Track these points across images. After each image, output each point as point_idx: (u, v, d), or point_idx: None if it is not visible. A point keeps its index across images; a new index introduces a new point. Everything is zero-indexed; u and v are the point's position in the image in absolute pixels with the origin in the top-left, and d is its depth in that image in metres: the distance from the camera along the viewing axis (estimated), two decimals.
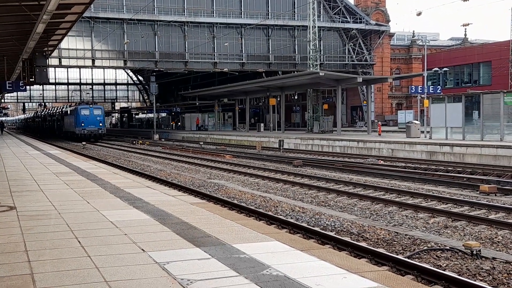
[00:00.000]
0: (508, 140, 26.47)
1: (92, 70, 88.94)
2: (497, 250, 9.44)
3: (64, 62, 60.82)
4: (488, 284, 7.53)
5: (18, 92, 73.71)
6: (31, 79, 30.06)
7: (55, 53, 51.30)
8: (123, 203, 10.20)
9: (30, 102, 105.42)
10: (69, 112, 61.07)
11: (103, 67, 71.68)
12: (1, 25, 19.85)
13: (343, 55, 70.45)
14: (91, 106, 57.92)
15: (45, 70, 29.93)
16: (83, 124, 55.24)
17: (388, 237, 10.26)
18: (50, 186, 12.98)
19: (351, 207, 13.95)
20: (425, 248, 9.32)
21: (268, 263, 5.88)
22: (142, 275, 5.47)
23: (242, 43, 65.48)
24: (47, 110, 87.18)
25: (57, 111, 72.57)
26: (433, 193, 15.88)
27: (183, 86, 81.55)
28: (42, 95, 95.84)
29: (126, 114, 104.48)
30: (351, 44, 69.88)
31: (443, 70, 51.44)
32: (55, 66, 63.44)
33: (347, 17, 69.45)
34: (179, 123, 76.65)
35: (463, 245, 9.04)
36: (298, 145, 38.76)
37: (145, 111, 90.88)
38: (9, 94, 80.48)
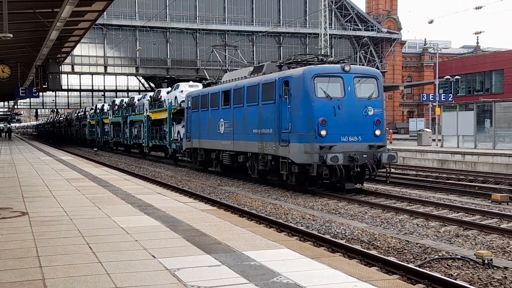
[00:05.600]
0: None
1: (104, 77, 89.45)
2: (509, 260, 9.36)
3: (77, 68, 61.36)
4: None
5: (31, 98, 74.36)
6: (44, 86, 30.32)
7: (68, 60, 51.73)
8: (134, 209, 10.25)
9: (43, 108, 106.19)
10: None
11: (115, 74, 72.17)
12: (15, 32, 20.05)
13: (354, 62, 70.39)
14: None
15: (58, 76, 30.18)
16: None
17: (399, 246, 10.21)
18: (62, 192, 13.06)
19: (362, 215, 13.90)
20: (436, 257, 9.27)
21: (278, 270, 5.88)
22: (152, 282, 5.49)
23: (253, 50, 65.67)
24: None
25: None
26: (445, 201, 15.79)
27: None
28: (54, 101, 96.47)
29: None
30: (363, 51, 69.90)
31: (454, 78, 51.25)
32: (67, 73, 64.02)
33: (359, 24, 69.47)
34: None
35: (474, 254, 8.98)
36: None
37: None
38: (22, 100, 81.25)
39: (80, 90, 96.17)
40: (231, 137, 21.93)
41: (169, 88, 36.72)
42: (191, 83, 33.95)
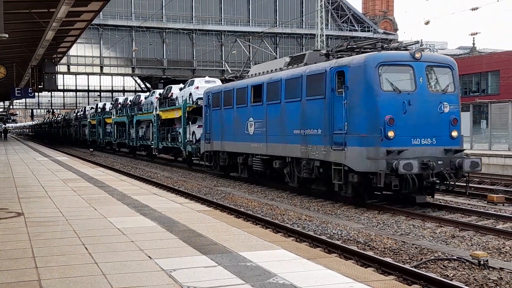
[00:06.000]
0: None
1: (100, 77, 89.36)
2: (504, 260, 9.38)
3: (73, 69, 61.25)
4: None
5: (27, 99, 74.15)
6: (39, 86, 30.27)
7: (63, 60, 51.65)
8: (130, 210, 10.23)
9: (39, 108, 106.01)
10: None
11: (111, 74, 72.09)
12: (11, 32, 20.00)
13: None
14: None
15: (53, 77, 30.11)
16: None
17: (395, 246, 10.22)
18: (58, 192, 13.03)
19: (358, 216, 13.91)
20: (432, 257, 9.28)
21: (274, 271, 5.88)
22: (148, 282, 5.49)
23: (250, 50, 65.69)
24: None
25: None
26: (441, 202, 15.81)
27: None
28: (50, 101, 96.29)
29: None
30: None
31: None
32: (63, 73, 63.88)
33: (355, 25, 69.59)
34: None
35: (470, 255, 8.99)
36: None
37: None
38: (17, 101, 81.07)
39: (76, 91, 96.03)
40: (264, 139, 19.23)
41: (181, 85, 33.87)
42: (207, 78, 31.60)
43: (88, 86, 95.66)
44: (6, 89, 41.27)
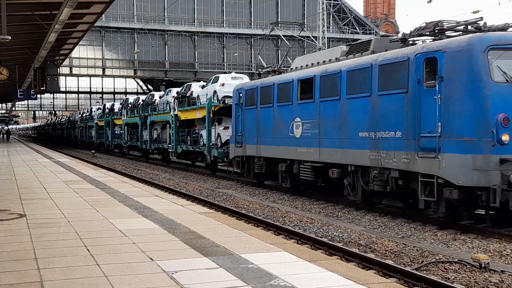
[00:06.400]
0: None
1: (102, 79, 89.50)
2: (506, 263, 9.38)
3: (75, 71, 61.32)
4: None
5: (29, 101, 74.25)
6: (42, 88, 30.29)
7: (66, 62, 51.70)
8: (132, 212, 10.26)
9: (41, 110, 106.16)
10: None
11: (113, 76, 72.17)
12: (13, 34, 20.08)
13: None
14: None
15: (56, 78, 30.13)
16: None
17: (396, 249, 10.23)
18: (60, 194, 13.06)
19: (359, 219, 13.92)
20: (433, 260, 9.29)
21: (275, 273, 5.90)
22: (150, 284, 5.51)
23: (251, 53, 65.75)
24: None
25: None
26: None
27: None
28: (52, 103, 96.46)
29: None
30: None
31: None
32: (66, 75, 63.96)
33: (357, 28, 69.63)
34: None
35: (471, 258, 8.99)
36: None
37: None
38: (20, 102, 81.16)
39: (78, 92, 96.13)
40: (315, 143, 16.24)
41: (201, 82, 31.81)
42: (233, 74, 29.04)
43: (90, 88, 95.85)
44: (8, 91, 41.36)
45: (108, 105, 52.50)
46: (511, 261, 9.61)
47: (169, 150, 32.33)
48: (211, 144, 26.12)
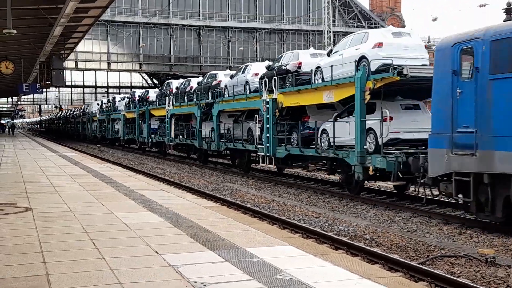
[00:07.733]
0: None
1: (107, 73, 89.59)
2: None
3: (80, 65, 61.40)
4: None
5: (35, 95, 74.36)
6: (47, 82, 30.26)
7: (71, 56, 51.76)
8: (137, 206, 10.27)
9: (46, 104, 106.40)
10: None
11: (119, 70, 72.20)
12: (19, 28, 20.08)
13: None
14: None
15: (61, 73, 30.08)
16: None
17: (401, 243, 10.21)
18: (65, 188, 13.09)
19: (365, 213, 13.90)
20: (439, 254, 9.27)
21: (281, 267, 5.89)
22: (156, 278, 5.51)
23: (256, 47, 65.65)
24: None
25: None
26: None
27: None
28: (58, 97, 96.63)
29: None
30: None
31: None
32: (71, 69, 64.03)
33: (362, 22, 69.38)
34: None
35: (477, 252, 8.97)
36: None
37: None
38: (25, 96, 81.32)
39: (84, 86, 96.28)
40: None
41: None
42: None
43: (96, 82, 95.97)
44: (14, 85, 41.42)
45: (138, 92, 43.96)
46: None
47: (259, 154, 21.47)
48: (364, 147, 15.28)
